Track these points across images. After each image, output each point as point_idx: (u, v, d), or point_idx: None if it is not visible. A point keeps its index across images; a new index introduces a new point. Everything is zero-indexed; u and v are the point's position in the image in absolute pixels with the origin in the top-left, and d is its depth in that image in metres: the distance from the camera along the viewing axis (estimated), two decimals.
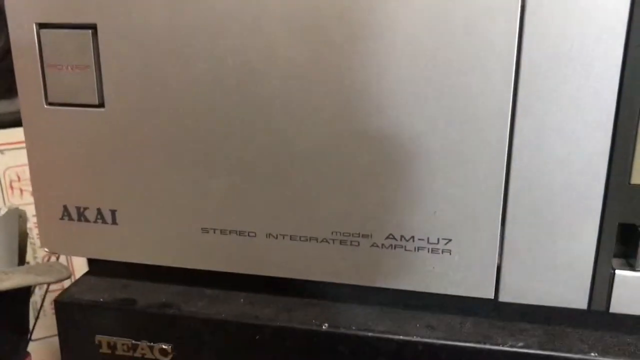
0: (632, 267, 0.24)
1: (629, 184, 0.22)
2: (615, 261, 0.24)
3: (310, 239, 0.26)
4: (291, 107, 0.24)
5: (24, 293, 0.35)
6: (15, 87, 0.27)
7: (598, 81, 0.22)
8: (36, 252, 0.47)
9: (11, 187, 0.48)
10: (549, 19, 0.21)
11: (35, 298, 0.46)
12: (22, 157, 0.48)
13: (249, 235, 0.26)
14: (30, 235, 0.43)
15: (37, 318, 0.42)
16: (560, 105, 0.22)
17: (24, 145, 0.28)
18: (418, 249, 0.25)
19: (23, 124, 0.28)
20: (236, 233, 0.26)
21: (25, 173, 0.48)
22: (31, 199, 0.29)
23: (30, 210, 0.35)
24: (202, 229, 0.27)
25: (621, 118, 0.22)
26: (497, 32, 0.22)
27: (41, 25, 0.26)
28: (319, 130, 0.24)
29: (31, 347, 0.39)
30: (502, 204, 0.24)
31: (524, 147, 0.23)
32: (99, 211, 0.28)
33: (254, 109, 0.25)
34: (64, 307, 0.28)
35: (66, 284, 0.35)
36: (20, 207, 0.47)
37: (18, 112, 0.28)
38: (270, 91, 0.24)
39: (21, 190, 0.49)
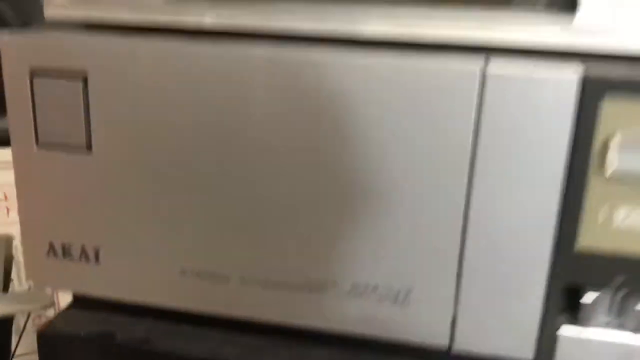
0: (577, 323, 0.26)
1: (574, 251, 0.25)
2: (561, 318, 0.26)
3: (281, 284, 0.28)
4: (266, 163, 0.26)
5: (7, 320, 0.37)
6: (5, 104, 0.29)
7: (547, 157, 0.24)
8: (22, 279, 0.49)
9: None
10: (504, 111, 0.23)
11: (18, 318, 0.47)
12: (9, 176, 0.49)
13: (223, 278, 0.28)
14: (17, 257, 0.44)
15: (19, 339, 0.43)
16: (511, 180, 0.24)
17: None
18: (380, 298, 0.27)
19: (13, 163, 0.30)
20: (211, 276, 0.28)
21: (13, 192, 0.49)
22: (17, 218, 0.31)
23: (17, 229, 0.37)
24: (180, 270, 0.29)
25: (568, 192, 0.24)
26: (456, 118, 0.24)
27: (34, 73, 0.28)
28: (292, 186, 0.26)
29: None
30: (457, 262, 0.26)
31: (479, 214, 0.25)
32: (83, 249, 0.29)
33: (232, 162, 0.27)
34: (47, 339, 0.29)
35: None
36: (7, 225, 0.49)
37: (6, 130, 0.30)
38: (247, 147, 0.26)
39: (7, 209, 0.50)
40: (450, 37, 0.25)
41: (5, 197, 0.49)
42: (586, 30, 0.24)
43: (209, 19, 0.27)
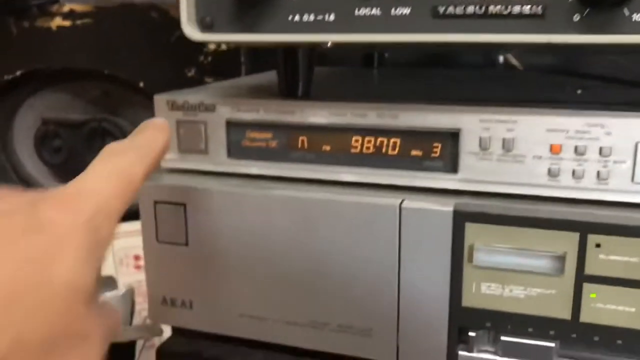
0: (468, 349, 0.43)
1: (461, 306, 0.42)
2: (459, 346, 0.43)
3: (306, 324, 0.47)
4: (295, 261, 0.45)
5: (134, 343, 0.57)
6: None
7: (441, 254, 0.41)
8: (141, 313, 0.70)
9: (121, 263, 0.71)
10: (415, 230, 0.42)
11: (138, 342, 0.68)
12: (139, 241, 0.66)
13: (266, 320, 0.47)
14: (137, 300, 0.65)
15: (139, 356, 0.64)
16: (423, 269, 0.42)
17: (131, 234, 0.50)
18: (354, 333, 0.45)
19: (143, 248, 0.50)
20: (259, 319, 0.48)
21: (132, 252, 0.72)
22: (135, 272, 0.51)
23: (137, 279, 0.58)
24: (239, 314, 0.48)
25: (453, 274, 0.41)
26: (387, 232, 0.42)
27: (156, 202, 0.48)
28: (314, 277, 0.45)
29: None
30: (397, 316, 0.44)
31: (407, 289, 0.43)
32: (182, 301, 0.50)
33: (280, 260, 0.46)
34: (164, 354, 0.50)
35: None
36: (135, 277, 0.70)
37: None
38: (289, 257, 0.46)
39: (127, 265, 0.72)
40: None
41: (136, 258, 0.72)
42: (462, 181, 0.42)
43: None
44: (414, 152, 0.44)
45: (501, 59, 0.88)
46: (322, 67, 0.79)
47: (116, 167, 0.32)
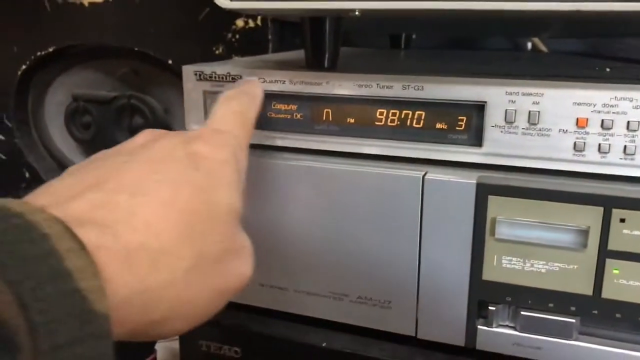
0: (487, 324, 0.43)
1: (482, 280, 0.42)
2: (478, 320, 0.43)
3: (316, 294, 0.47)
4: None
5: None
6: None
7: (464, 227, 0.41)
8: None
9: None
10: (437, 201, 0.42)
11: None
12: None
13: (287, 290, 0.48)
14: None
15: None
16: (445, 241, 0.42)
17: None
18: (374, 305, 0.45)
19: None
20: (280, 288, 0.48)
21: None
22: None
23: None
24: (260, 284, 0.49)
25: (474, 247, 0.41)
26: (410, 204, 0.42)
27: None
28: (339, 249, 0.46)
29: (156, 346, 0.62)
30: (417, 288, 0.44)
31: (427, 262, 0.43)
32: None
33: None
34: None
35: None
36: None
37: None
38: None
39: None
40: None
41: None
42: (486, 154, 0.42)
43: None
44: (439, 125, 0.44)
45: (529, 44, 0.88)
46: (350, 48, 0.79)
47: (237, 109, 0.39)
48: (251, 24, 0.67)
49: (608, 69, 0.51)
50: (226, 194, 0.32)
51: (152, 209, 0.27)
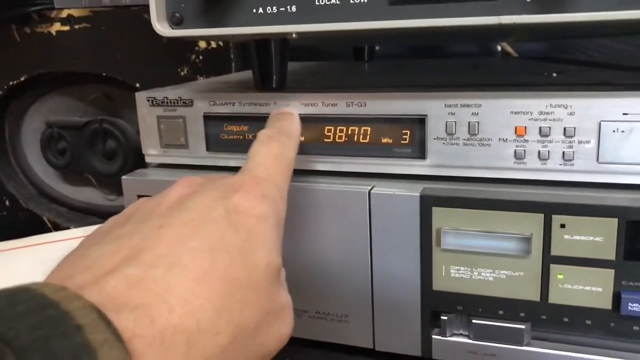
0: (441, 333, 0.43)
1: (432, 290, 0.42)
2: (432, 330, 0.44)
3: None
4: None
5: None
6: None
7: (410, 238, 0.42)
8: None
9: None
10: (384, 214, 0.42)
11: None
12: None
13: None
14: None
15: None
16: (394, 253, 0.43)
17: None
18: (332, 319, 0.46)
19: None
20: None
21: None
22: None
23: None
24: None
25: (423, 258, 0.42)
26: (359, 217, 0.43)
27: (139, 197, 0.50)
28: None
29: None
30: (371, 302, 0.44)
31: (380, 273, 0.43)
32: None
33: None
34: None
35: None
36: None
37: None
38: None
39: None
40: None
41: None
42: (430, 166, 0.43)
43: None
44: (385, 140, 0.44)
45: (499, 47, 0.88)
46: (316, 62, 0.80)
47: (276, 152, 0.37)
48: (213, 44, 0.68)
49: (555, 74, 0.52)
50: (265, 253, 0.30)
51: (190, 283, 0.26)
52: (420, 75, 0.62)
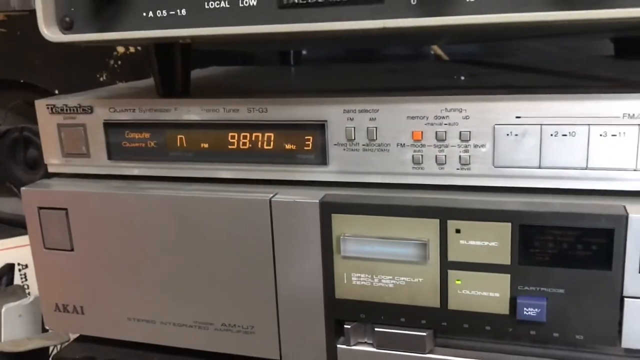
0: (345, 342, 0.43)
1: (335, 298, 0.42)
2: (337, 338, 0.43)
3: (183, 325, 0.46)
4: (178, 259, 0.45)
5: (44, 352, 0.57)
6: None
7: (311, 246, 0.41)
8: None
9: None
10: (286, 221, 0.41)
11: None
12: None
13: (154, 322, 0.47)
14: None
15: None
16: (297, 261, 0.42)
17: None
18: (238, 331, 0.45)
19: (32, 256, 0.49)
20: (147, 321, 0.47)
21: None
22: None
23: None
24: (127, 318, 0.47)
25: (324, 266, 0.41)
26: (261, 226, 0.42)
27: (40, 208, 0.48)
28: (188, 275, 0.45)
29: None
30: (276, 310, 0.43)
31: (282, 282, 0.42)
32: (74, 307, 0.49)
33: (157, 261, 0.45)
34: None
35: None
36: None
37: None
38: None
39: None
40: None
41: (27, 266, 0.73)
42: (332, 172, 0.42)
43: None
44: (288, 146, 0.43)
45: (432, 50, 0.89)
46: (243, 67, 0.79)
47: None
48: (132, 49, 0.66)
49: (463, 78, 0.52)
50: None
51: None
52: (332, 80, 0.62)
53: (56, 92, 0.70)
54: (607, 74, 0.53)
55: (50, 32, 0.41)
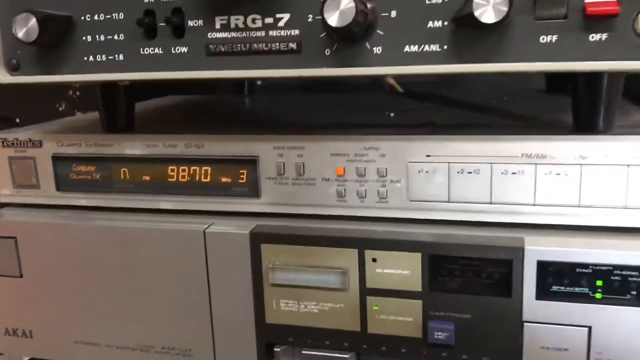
0: None
1: (266, 323, 0.44)
2: None
3: (126, 347, 0.48)
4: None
5: None
6: None
7: (241, 275, 0.44)
8: None
9: None
10: (219, 253, 0.44)
11: None
12: None
13: (99, 345, 0.49)
14: None
15: None
16: (234, 289, 0.44)
17: None
18: (177, 354, 0.47)
19: None
20: (92, 344, 0.49)
21: None
22: None
23: None
24: (74, 341, 0.50)
25: (255, 293, 0.44)
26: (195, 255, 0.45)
27: None
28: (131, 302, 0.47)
29: None
30: (212, 335, 0.46)
31: (217, 308, 0.45)
32: (23, 331, 0.51)
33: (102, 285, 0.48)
34: None
35: None
36: None
37: None
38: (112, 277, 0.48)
39: None
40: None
41: None
42: (264, 204, 0.45)
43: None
44: (224, 179, 0.46)
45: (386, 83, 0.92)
46: (197, 96, 0.81)
47: None
48: None
49: (392, 114, 0.55)
50: None
51: None
52: (268, 114, 0.65)
53: (17, 120, 0.73)
54: (525, 111, 0.57)
55: None
